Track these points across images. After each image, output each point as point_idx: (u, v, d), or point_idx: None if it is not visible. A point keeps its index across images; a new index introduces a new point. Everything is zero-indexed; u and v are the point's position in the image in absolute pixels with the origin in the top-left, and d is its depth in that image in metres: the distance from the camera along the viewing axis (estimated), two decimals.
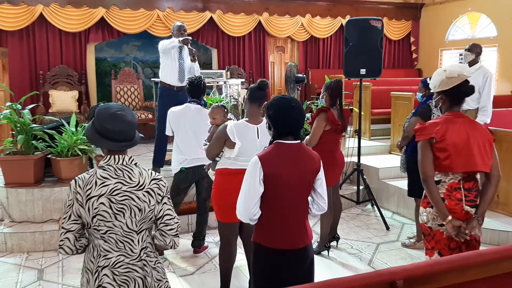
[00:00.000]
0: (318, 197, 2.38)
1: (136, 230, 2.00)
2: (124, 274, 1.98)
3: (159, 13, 8.16)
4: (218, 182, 3.18)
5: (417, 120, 4.14)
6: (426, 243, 2.77)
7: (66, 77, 7.71)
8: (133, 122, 2.04)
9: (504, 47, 8.26)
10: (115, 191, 1.95)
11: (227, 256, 3.31)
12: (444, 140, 2.60)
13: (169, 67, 5.17)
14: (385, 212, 5.45)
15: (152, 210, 2.02)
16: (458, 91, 2.66)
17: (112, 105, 2.06)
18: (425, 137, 2.65)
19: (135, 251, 2.00)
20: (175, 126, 4.05)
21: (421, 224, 2.78)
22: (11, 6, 7.27)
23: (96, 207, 1.93)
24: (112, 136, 1.99)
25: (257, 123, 3.05)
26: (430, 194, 2.64)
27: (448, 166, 2.61)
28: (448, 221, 2.58)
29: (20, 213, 4.66)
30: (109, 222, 1.95)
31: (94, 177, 1.96)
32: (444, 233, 2.67)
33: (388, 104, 6.90)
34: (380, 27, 5.32)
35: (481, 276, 1.89)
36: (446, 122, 2.65)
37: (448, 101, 2.71)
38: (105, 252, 1.97)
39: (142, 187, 2.00)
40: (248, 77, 8.93)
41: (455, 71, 2.67)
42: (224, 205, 3.12)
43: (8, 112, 4.69)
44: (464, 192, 2.64)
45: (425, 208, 2.73)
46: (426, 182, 2.64)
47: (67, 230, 1.96)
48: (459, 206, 2.63)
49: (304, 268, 2.34)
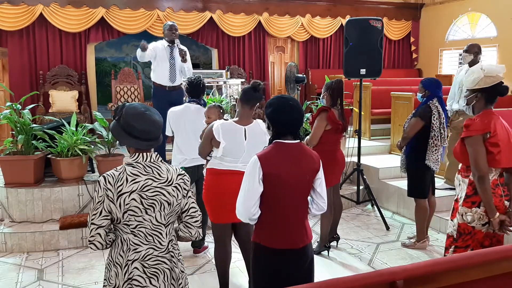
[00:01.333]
0: (318, 197, 2.37)
1: (164, 223, 2.07)
2: (153, 266, 2.04)
3: (159, 13, 8.16)
4: (207, 182, 3.21)
5: (418, 121, 4.14)
6: (460, 242, 2.74)
7: (66, 77, 7.71)
8: (159, 122, 2.10)
9: (504, 47, 8.26)
10: (145, 187, 2.01)
11: (223, 257, 3.31)
12: (496, 135, 2.59)
13: (159, 68, 5.22)
14: (385, 212, 5.45)
15: (179, 204, 2.11)
16: (494, 91, 2.66)
17: (138, 105, 2.11)
18: (479, 132, 2.61)
19: (164, 244, 2.07)
20: (175, 126, 4.06)
21: (461, 223, 2.75)
22: (11, 6, 7.27)
23: (127, 203, 1.99)
24: (139, 135, 2.04)
25: (246, 124, 3.04)
26: (485, 192, 2.59)
27: (499, 161, 2.60)
28: (496, 217, 2.59)
29: (20, 213, 4.66)
30: (139, 216, 2.01)
31: (124, 174, 2.01)
32: (484, 232, 2.68)
33: (388, 104, 6.90)
34: (380, 27, 5.32)
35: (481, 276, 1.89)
36: (492, 118, 2.64)
37: (483, 99, 2.70)
38: (135, 246, 2.02)
39: (170, 183, 2.07)
40: (248, 77, 8.92)
41: (494, 70, 2.67)
42: (214, 206, 3.14)
43: (8, 112, 4.69)
44: (502, 187, 2.67)
45: (470, 208, 2.70)
46: (483, 179, 2.58)
47: (98, 226, 1.99)
48: (501, 202, 2.65)
49: (304, 268, 2.34)
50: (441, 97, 4.20)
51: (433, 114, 4.09)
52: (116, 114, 2.15)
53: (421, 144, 4.14)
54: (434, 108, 4.11)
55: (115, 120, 2.13)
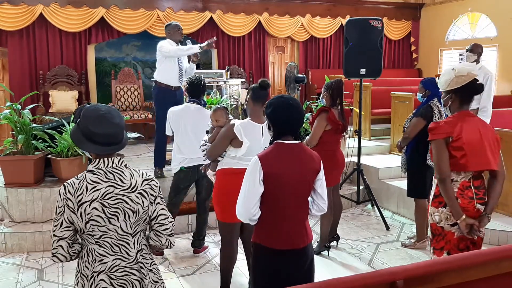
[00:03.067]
0: (318, 197, 2.37)
1: (131, 232, 1.97)
2: (121, 278, 1.94)
3: (159, 13, 8.16)
4: (221, 182, 3.17)
5: (419, 121, 4.13)
6: (435, 243, 2.76)
7: (66, 77, 7.71)
8: (120, 125, 1.97)
9: (504, 47, 8.26)
10: (107, 195, 1.90)
11: (228, 257, 3.30)
12: (460, 139, 2.59)
13: (169, 68, 5.18)
14: (385, 212, 5.45)
15: (146, 211, 1.99)
16: (468, 90, 2.66)
17: (99, 107, 1.98)
18: (441, 135, 2.63)
19: (131, 254, 1.97)
20: (175, 126, 4.06)
21: (432, 224, 2.77)
22: (11, 6, 7.27)
23: (88, 212, 1.88)
24: (98, 139, 1.92)
25: (261, 122, 3.05)
26: (446, 193, 2.62)
27: (464, 165, 2.60)
28: (462, 219, 2.59)
29: (20, 213, 4.66)
30: (103, 226, 1.91)
31: (84, 181, 1.90)
32: (456, 234, 2.68)
33: (388, 104, 6.90)
34: (380, 27, 5.32)
35: (481, 276, 1.90)
36: (460, 120, 2.64)
37: (458, 100, 2.71)
38: (101, 257, 1.93)
39: (134, 189, 1.96)
40: (248, 77, 8.93)
41: (464, 70, 2.67)
42: (226, 205, 3.12)
43: (8, 112, 4.69)
44: (474, 190, 2.65)
45: (437, 208, 2.72)
46: (444, 181, 2.62)
47: (59, 238, 1.90)
48: (471, 205, 2.64)
49: (304, 268, 2.34)
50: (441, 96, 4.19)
51: (434, 114, 4.09)
52: (75, 117, 2.00)
53: (422, 144, 4.14)
54: (435, 107, 4.11)
55: (75, 124, 2.00)
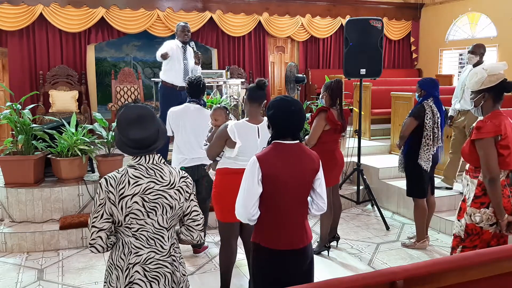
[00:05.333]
0: (318, 197, 2.37)
1: (166, 227, 2.05)
2: (154, 270, 2.01)
3: (159, 13, 8.16)
4: (218, 182, 3.18)
5: (412, 121, 4.16)
6: (468, 242, 2.74)
7: (66, 77, 7.71)
8: (151, 129, 2.01)
9: (504, 47, 8.26)
10: (148, 190, 1.98)
11: (228, 256, 3.30)
12: (507, 137, 2.59)
13: (174, 68, 5.22)
14: (385, 212, 5.45)
15: (181, 207, 2.08)
16: (500, 88, 2.65)
17: (131, 110, 2.02)
18: (490, 134, 2.60)
19: (165, 248, 2.04)
20: (175, 126, 4.06)
21: (469, 224, 2.74)
22: (11, 6, 7.27)
23: (129, 206, 1.96)
24: (133, 145, 1.99)
25: (258, 122, 3.05)
26: (495, 194, 2.60)
27: (508, 163, 2.60)
28: (505, 218, 2.60)
29: (20, 213, 4.66)
30: (141, 220, 1.98)
31: (126, 176, 1.98)
32: (491, 232, 2.68)
33: (388, 104, 6.90)
34: (380, 27, 5.32)
35: (481, 276, 1.89)
36: (502, 119, 2.63)
37: (491, 99, 2.69)
38: (136, 249, 2.00)
39: (173, 186, 2.04)
40: (248, 77, 8.92)
41: (496, 68, 2.66)
42: (225, 205, 3.12)
43: (8, 112, 4.69)
44: (510, 188, 2.67)
45: (478, 209, 2.70)
46: (494, 181, 2.59)
47: (99, 229, 1.96)
48: (509, 203, 2.65)
49: (303, 269, 2.34)
50: (438, 97, 4.20)
51: (426, 114, 4.10)
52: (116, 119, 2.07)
53: (416, 144, 4.17)
54: (428, 108, 4.12)
55: (116, 127, 2.08)
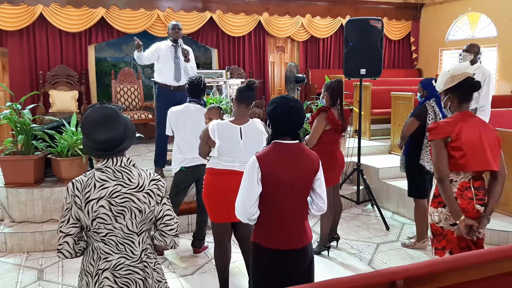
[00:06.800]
0: (317, 197, 2.37)
1: (136, 231, 1.98)
2: (125, 276, 1.95)
3: (159, 13, 8.15)
4: (206, 181, 3.22)
5: (413, 121, 4.16)
6: (436, 243, 2.76)
7: (66, 77, 7.70)
8: (117, 128, 1.96)
9: (504, 47, 8.26)
10: (114, 193, 1.93)
11: (222, 256, 3.32)
12: (459, 139, 2.59)
13: (164, 68, 5.21)
14: (385, 212, 5.45)
15: (152, 211, 2.01)
16: (464, 87, 2.67)
17: (96, 111, 1.97)
18: (440, 136, 2.63)
19: (136, 253, 1.98)
20: (175, 126, 4.07)
21: (431, 224, 2.77)
22: (11, 6, 7.26)
23: (95, 210, 1.90)
24: (98, 147, 1.94)
25: (242, 123, 3.05)
26: (445, 193, 2.62)
27: (463, 165, 2.60)
28: (461, 220, 2.58)
29: (20, 213, 4.66)
30: (109, 224, 1.93)
31: (92, 179, 1.93)
32: (455, 233, 2.67)
33: (388, 104, 6.90)
34: (380, 27, 5.32)
35: (481, 276, 1.89)
36: (459, 121, 2.65)
37: (456, 99, 2.71)
38: (106, 255, 1.95)
39: (141, 189, 1.97)
40: (248, 77, 8.91)
41: (459, 69, 2.70)
42: (212, 205, 3.16)
43: (8, 112, 4.69)
44: (474, 191, 2.65)
45: (436, 208, 2.72)
46: (442, 181, 2.62)
47: (66, 234, 1.92)
48: (470, 205, 2.64)
49: (303, 268, 2.34)
50: (439, 97, 4.19)
51: (428, 114, 4.11)
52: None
53: (418, 144, 4.17)
54: (430, 108, 4.12)
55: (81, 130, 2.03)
